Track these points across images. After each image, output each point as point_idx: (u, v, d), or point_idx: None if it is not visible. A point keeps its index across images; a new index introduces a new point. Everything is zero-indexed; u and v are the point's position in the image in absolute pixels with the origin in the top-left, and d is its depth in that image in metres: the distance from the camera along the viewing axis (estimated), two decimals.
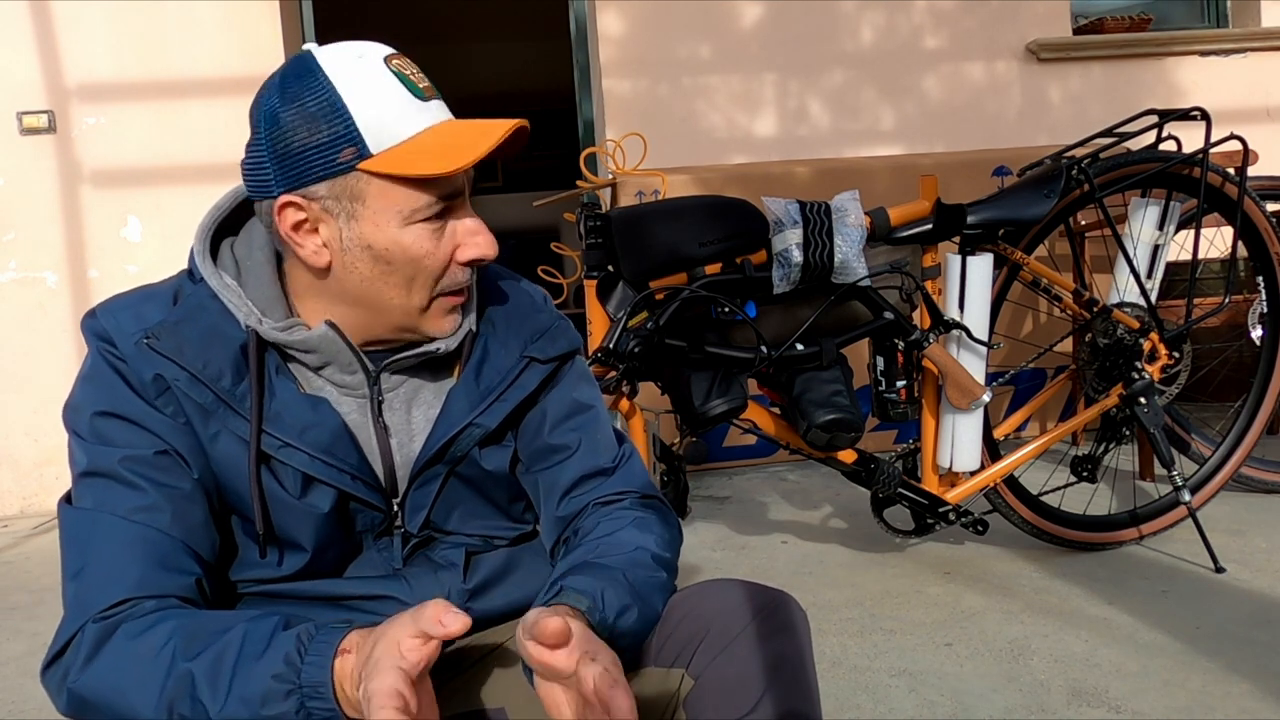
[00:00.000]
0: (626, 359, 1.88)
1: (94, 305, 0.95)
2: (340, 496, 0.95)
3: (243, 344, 0.93)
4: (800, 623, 0.94)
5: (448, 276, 0.94)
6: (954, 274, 2.18)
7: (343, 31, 1.01)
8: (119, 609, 0.86)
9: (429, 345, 0.98)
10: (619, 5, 3.96)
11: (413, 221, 0.91)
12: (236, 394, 0.92)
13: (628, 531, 0.98)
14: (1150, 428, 2.28)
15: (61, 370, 3.62)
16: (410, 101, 0.90)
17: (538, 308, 1.08)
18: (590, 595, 0.87)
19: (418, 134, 0.89)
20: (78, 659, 0.85)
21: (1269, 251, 2.47)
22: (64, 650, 0.86)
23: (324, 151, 0.88)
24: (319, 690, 0.78)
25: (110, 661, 0.84)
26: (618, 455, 1.06)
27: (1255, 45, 4.27)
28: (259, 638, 0.82)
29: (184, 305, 0.94)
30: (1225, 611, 1.98)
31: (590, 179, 3.28)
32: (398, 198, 0.90)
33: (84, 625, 0.85)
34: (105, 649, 0.84)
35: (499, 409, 1.00)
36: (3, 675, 2.11)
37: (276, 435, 0.93)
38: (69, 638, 0.86)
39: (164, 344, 0.91)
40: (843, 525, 2.76)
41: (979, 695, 1.70)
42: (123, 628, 0.85)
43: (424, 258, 0.92)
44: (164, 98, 3.67)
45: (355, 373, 0.97)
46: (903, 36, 4.12)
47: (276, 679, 0.78)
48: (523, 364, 1.02)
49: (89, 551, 0.88)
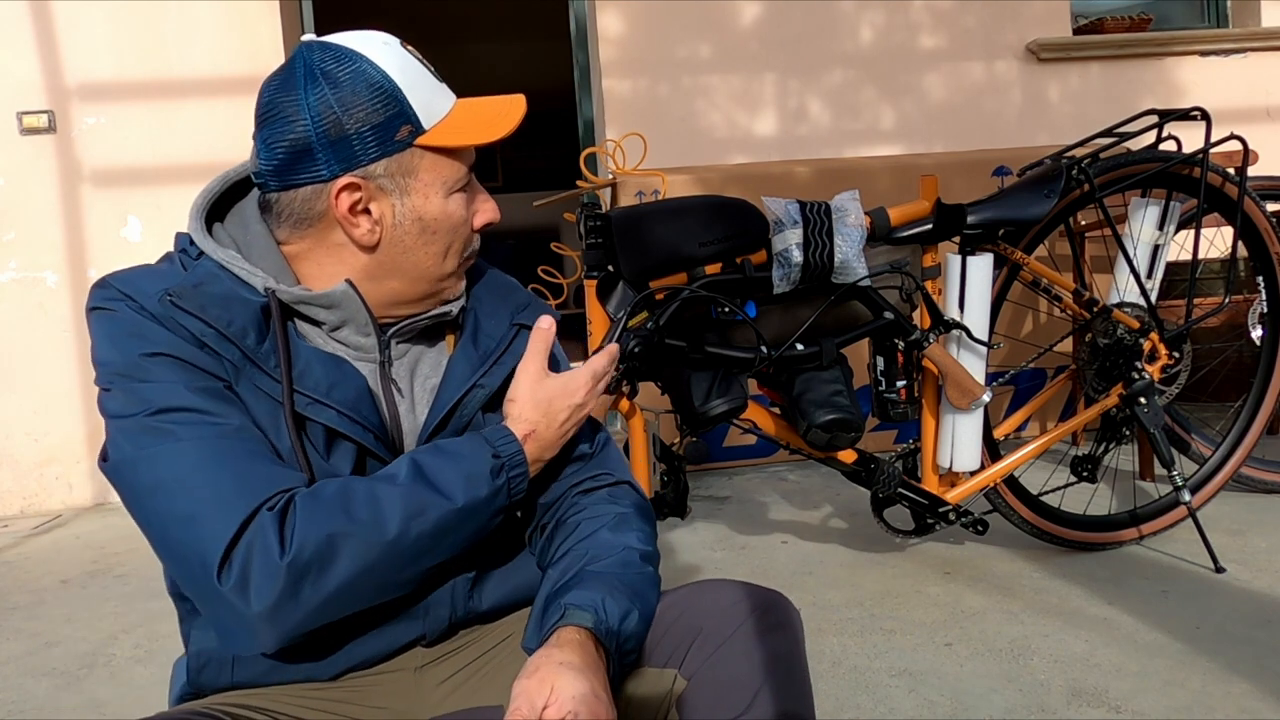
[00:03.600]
0: (626, 359, 1.88)
1: (99, 278, 0.95)
2: (359, 458, 0.97)
3: (262, 305, 0.94)
4: (794, 622, 0.94)
5: (472, 241, 1.03)
6: (954, 274, 2.18)
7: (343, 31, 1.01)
8: (275, 497, 0.87)
9: (442, 308, 1.03)
10: (619, 5, 3.96)
11: (454, 191, 0.99)
12: (261, 352, 0.93)
13: (611, 531, 1.00)
14: (1150, 428, 2.28)
15: (62, 370, 3.62)
16: (437, 83, 0.98)
17: (515, 286, 1.15)
18: (593, 609, 0.89)
19: (451, 110, 0.97)
20: (270, 540, 0.84)
21: (1269, 251, 2.47)
22: (234, 544, 0.84)
23: (380, 131, 0.93)
24: (515, 459, 0.96)
25: (313, 523, 0.86)
26: (595, 442, 1.10)
27: (1255, 45, 4.27)
28: (445, 453, 0.94)
29: (195, 272, 0.96)
30: (1225, 611, 1.98)
31: (590, 179, 3.28)
32: (445, 170, 0.97)
33: (251, 515, 0.85)
34: (296, 519, 0.86)
35: (498, 371, 1.04)
36: (3, 675, 2.11)
37: (306, 393, 0.94)
38: (234, 535, 0.84)
39: (188, 302, 0.92)
40: (843, 525, 2.76)
41: (979, 695, 1.70)
42: (299, 498, 0.87)
43: (462, 224, 1.00)
44: (164, 98, 3.67)
45: (369, 334, 0.99)
46: (902, 36, 4.12)
47: (494, 459, 0.95)
48: (514, 331, 1.08)
49: (207, 471, 0.86)
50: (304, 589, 0.85)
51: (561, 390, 1.01)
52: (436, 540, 0.92)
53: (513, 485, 0.96)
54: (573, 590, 0.92)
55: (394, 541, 0.88)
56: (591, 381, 1.03)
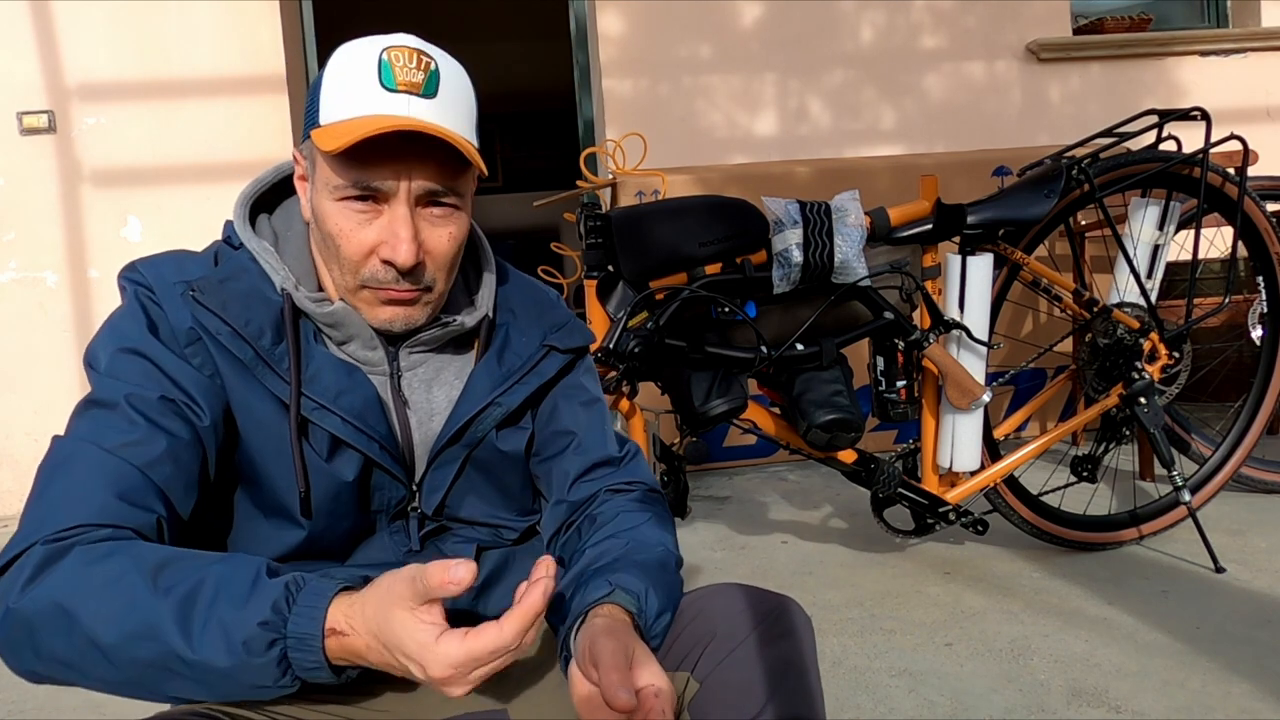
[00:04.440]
0: (626, 359, 1.88)
1: (133, 260, 0.97)
2: (365, 467, 0.96)
3: (282, 307, 0.95)
4: (804, 628, 0.94)
5: (368, 268, 0.93)
6: (954, 274, 2.18)
7: (342, 32, 1.01)
8: (72, 532, 0.81)
9: (446, 318, 1.01)
10: (619, 5, 3.96)
11: (339, 198, 0.92)
12: (275, 354, 0.93)
13: (651, 528, 1.00)
14: (1150, 428, 2.28)
15: (62, 370, 3.62)
16: (372, 87, 0.90)
17: (554, 303, 1.11)
18: (637, 596, 0.89)
19: (358, 116, 0.89)
20: (20, 578, 0.79)
21: (1269, 251, 2.47)
22: (5, 569, 0.81)
23: (308, 115, 0.95)
24: (307, 642, 0.75)
25: (59, 584, 0.78)
26: (625, 447, 1.10)
27: (1255, 45, 4.27)
28: (241, 579, 0.78)
29: (226, 266, 0.97)
30: (1225, 611, 1.98)
31: (590, 179, 3.28)
32: (326, 171, 0.92)
33: (32, 546, 0.80)
34: (54, 570, 0.79)
35: (519, 391, 1.03)
36: (2, 675, 2.11)
37: (313, 397, 0.94)
38: (13, 556, 0.81)
39: (208, 298, 0.92)
40: (843, 525, 2.76)
41: (979, 695, 1.70)
42: (76, 550, 0.80)
43: (339, 236, 0.92)
44: (164, 98, 3.67)
45: (375, 349, 0.98)
46: (903, 36, 4.12)
47: (263, 626, 0.75)
48: (543, 352, 1.05)
49: (57, 477, 0.85)
50: (19, 644, 0.80)
51: (416, 647, 0.74)
52: (161, 676, 0.78)
53: (295, 666, 0.77)
54: (619, 573, 0.91)
55: (107, 650, 0.77)
56: (451, 669, 0.74)
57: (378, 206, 0.92)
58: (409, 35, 0.94)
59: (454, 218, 0.95)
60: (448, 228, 0.94)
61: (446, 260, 0.95)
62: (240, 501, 0.97)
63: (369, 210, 0.92)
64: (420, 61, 0.91)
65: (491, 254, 1.09)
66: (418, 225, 0.92)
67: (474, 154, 0.92)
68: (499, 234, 7.63)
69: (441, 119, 0.90)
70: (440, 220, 0.94)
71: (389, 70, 0.90)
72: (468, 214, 0.98)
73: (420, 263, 0.93)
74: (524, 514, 1.08)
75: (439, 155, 0.91)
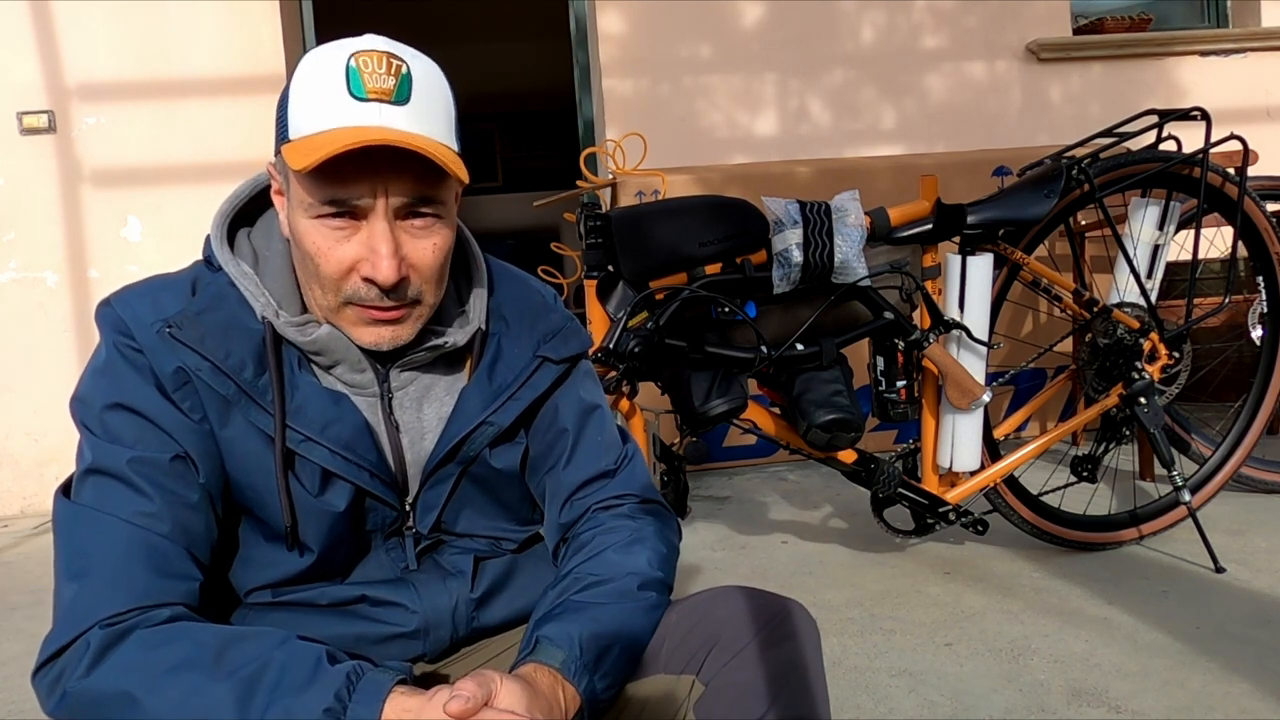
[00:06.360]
0: (626, 359, 1.88)
1: (107, 295, 0.93)
2: (357, 495, 0.95)
3: (264, 336, 0.92)
4: (809, 631, 0.94)
5: (349, 286, 0.90)
6: (954, 274, 2.18)
7: (343, 32, 1.01)
8: (127, 616, 0.83)
9: (437, 340, 0.97)
10: (619, 5, 3.96)
11: (314, 215, 0.88)
12: (258, 386, 0.91)
13: (617, 553, 0.97)
14: (1150, 428, 2.28)
15: (62, 370, 3.62)
16: (341, 97, 0.86)
17: (549, 307, 1.07)
18: (565, 645, 0.86)
19: (327, 130, 0.85)
20: (81, 663, 0.81)
21: (1269, 251, 2.47)
22: (61, 652, 0.82)
23: (278, 128, 0.91)
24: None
25: (122, 668, 0.80)
26: (620, 456, 1.06)
27: (1255, 45, 4.27)
28: (302, 666, 0.79)
29: (203, 295, 0.93)
30: (1225, 611, 1.98)
31: (590, 179, 3.28)
32: (299, 189, 0.89)
33: (89, 629, 0.82)
34: (115, 654, 0.81)
35: (512, 408, 1.00)
36: (3, 675, 2.11)
37: (299, 430, 0.91)
38: (68, 640, 0.82)
39: (186, 333, 0.89)
40: (843, 525, 2.76)
41: (979, 695, 1.70)
42: (136, 635, 0.82)
43: (316, 255, 0.89)
44: (164, 98, 3.67)
45: (364, 371, 0.96)
46: (903, 36, 4.12)
47: (327, 713, 0.76)
48: (536, 364, 1.01)
49: (90, 553, 0.85)
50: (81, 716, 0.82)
51: None
52: None
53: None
54: (550, 624, 0.89)
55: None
56: None
57: (355, 222, 0.88)
58: (378, 37, 0.90)
59: (437, 228, 0.91)
60: (431, 239, 0.91)
61: (432, 273, 0.92)
62: (244, 530, 0.95)
63: (346, 226, 0.88)
64: (390, 65, 0.87)
65: (483, 259, 1.05)
66: (399, 239, 0.88)
67: (452, 161, 0.87)
68: (499, 234, 7.64)
69: (416, 126, 0.87)
70: (422, 232, 0.90)
71: (357, 77, 0.86)
72: (451, 222, 0.94)
73: (404, 278, 0.89)
74: (523, 524, 1.07)
75: (416, 165, 0.86)
